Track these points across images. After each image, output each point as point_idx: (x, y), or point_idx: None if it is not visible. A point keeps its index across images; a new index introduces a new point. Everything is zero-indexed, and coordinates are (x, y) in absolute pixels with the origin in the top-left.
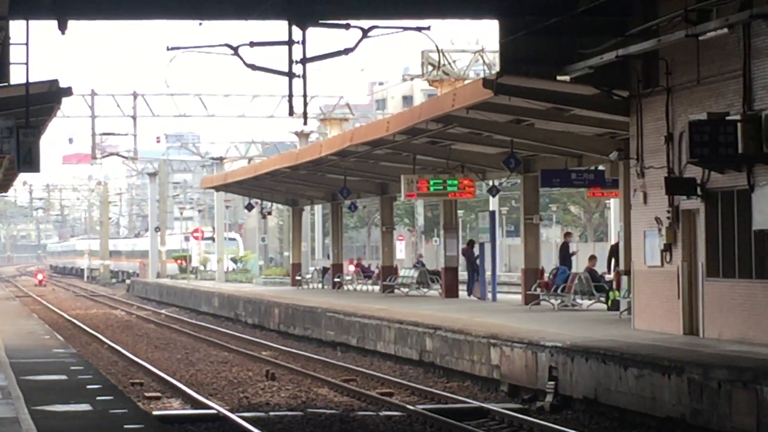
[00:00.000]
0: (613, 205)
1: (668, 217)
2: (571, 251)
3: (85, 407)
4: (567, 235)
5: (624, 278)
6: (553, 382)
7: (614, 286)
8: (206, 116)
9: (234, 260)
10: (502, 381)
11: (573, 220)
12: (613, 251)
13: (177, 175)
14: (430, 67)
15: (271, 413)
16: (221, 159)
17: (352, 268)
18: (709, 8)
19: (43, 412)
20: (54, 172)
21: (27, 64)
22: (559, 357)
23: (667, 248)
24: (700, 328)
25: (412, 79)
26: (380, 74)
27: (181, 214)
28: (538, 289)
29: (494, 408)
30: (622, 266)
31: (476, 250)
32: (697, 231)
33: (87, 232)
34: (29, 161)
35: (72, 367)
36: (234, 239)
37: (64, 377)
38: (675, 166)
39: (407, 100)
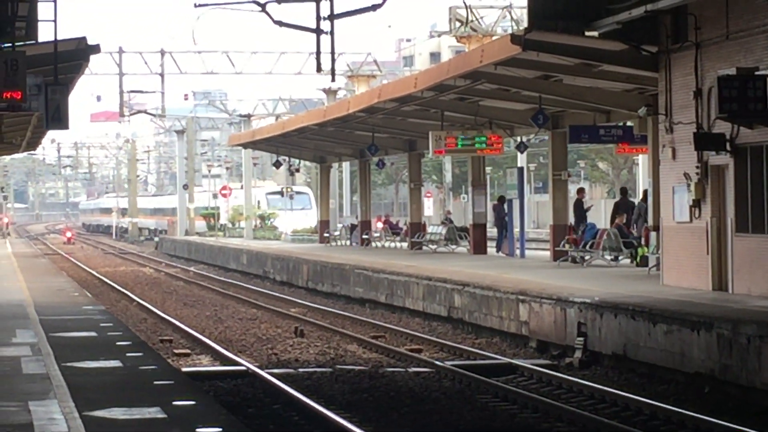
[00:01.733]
0: (642, 161)
1: (697, 173)
2: (585, 207)
3: (115, 363)
4: (580, 191)
5: (653, 234)
6: (582, 338)
7: (643, 242)
8: (234, 74)
9: (262, 217)
10: (531, 337)
11: (601, 177)
12: (617, 207)
13: (204, 133)
14: (457, 23)
15: (300, 369)
16: (249, 116)
17: (380, 225)
18: None
19: (73, 369)
20: (82, 130)
21: (55, 21)
22: (587, 313)
23: (696, 204)
24: (729, 283)
25: (439, 35)
26: (408, 31)
27: (209, 171)
28: (567, 245)
29: (523, 364)
30: (650, 222)
31: (504, 207)
32: (726, 187)
33: (115, 189)
34: (58, 118)
35: (101, 324)
36: (305, 193)
37: (93, 334)
38: (704, 122)
39: (435, 56)
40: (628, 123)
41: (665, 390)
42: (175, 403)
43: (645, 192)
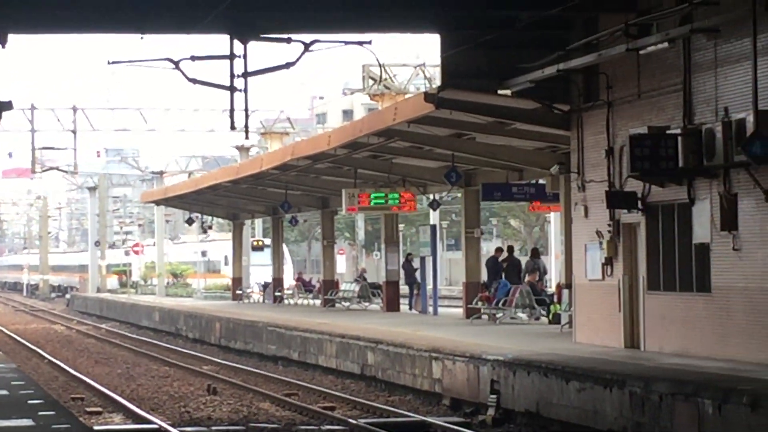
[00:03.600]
0: (554, 219)
1: (609, 231)
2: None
3: (27, 422)
4: (498, 250)
5: (565, 292)
6: (495, 396)
7: (555, 299)
8: (147, 130)
9: (174, 274)
10: (444, 395)
11: (513, 234)
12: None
13: (117, 190)
14: (371, 81)
15: (213, 428)
16: (161, 173)
17: (293, 282)
18: (650, 23)
19: None
20: None
21: None
22: (501, 370)
23: (608, 262)
24: (641, 341)
25: (352, 93)
26: (321, 89)
27: (121, 228)
28: (480, 303)
29: (436, 422)
30: (563, 280)
31: (416, 264)
32: (638, 244)
33: (26, 246)
34: None
35: (12, 382)
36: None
37: (5, 392)
38: (616, 180)
39: (347, 114)
40: (541, 181)
41: None
42: None
43: (534, 250)
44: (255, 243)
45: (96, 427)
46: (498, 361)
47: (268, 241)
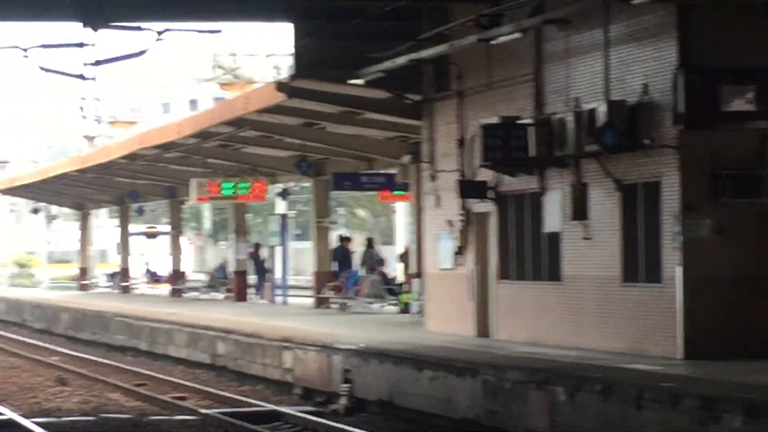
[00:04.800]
0: (400, 208)
1: (461, 220)
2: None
3: None
4: (345, 240)
5: (416, 281)
6: (348, 385)
7: (406, 288)
8: None
9: (21, 265)
10: (296, 384)
11: (360, 224)
12: (405, 255)
13: None
14: (220, 71)
15: (64, 418)
16: (4, 162)
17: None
18: (501, 13)
19: None
20: None
21: None
22: (353, 360)
23: (460, 251)
24: (492, 330)
25: (199, 82)
26: (170, 78)
27: None
28: (330, 292)
29: (288, 411)
30: (413, 269)
31: (262, 253)
32: (489, 234)
33: None
34: None
35: None
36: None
37: None
38: (467, 170)
39: (194, 103)
40: (391, 171)
41: None
42: None
43: (369, 239)
44: (148, 230)
45: None
46: (350, 351)
47: (164, 228)
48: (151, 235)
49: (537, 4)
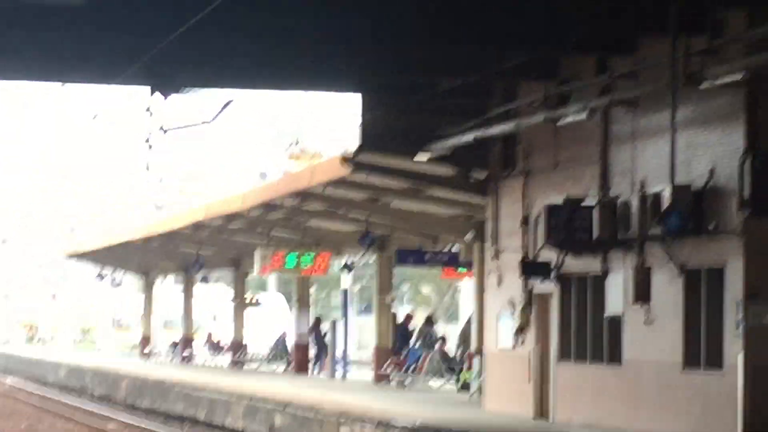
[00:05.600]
0: (465, 286)
1: (522, 300)
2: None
3: None
4: (408, 317)
5: (476, 359)
6: None
7: (466, 367)
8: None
9: (84, 330)
10: None
11: (424, 301)
12: (464, 330)
13: None
14: (287, 141)
15: None
16: (72, 228)
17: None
18: (569, 93)
19: None
20: None
21: None
22: None
23: (520, 331)
24: (551, 411)
25: (266, 153)
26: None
27: None
28: (390, 369)
29: None
30: (474, 347)
31: (324, 327)
32: (550, 314)
33: None
34: None
35: None
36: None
37: None
38: (530, 250)
39: (261, 174)
40: (455, 248)
41: None
42: None
43: (428, 317)
44: (250, 300)
45: None
46: (406, 428)
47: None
48: (253, 304)
49: (605, 85)
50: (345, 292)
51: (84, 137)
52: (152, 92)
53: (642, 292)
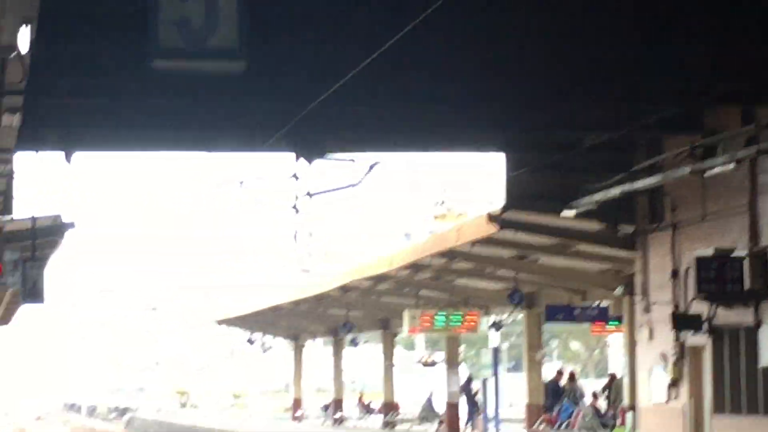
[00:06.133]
0: (614, 341)
1: (674, 354)
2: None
3: None
4: (559, 373)
5: (629, 414)
6: None
7: (619, 422)
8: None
9: (236, 396)
10: None
11: (574, 356)
12: (609, 386)
13: None
14: (432, 202)
15: None
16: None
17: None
18: (714, 144)
19: None
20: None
21: (34, 199)
22: None
23: (674, 384)
24: None
25: (411, 214)
26: (380, 208)
27: None
28: (542, 425)
29: None
30: (626, 402)
31: (473, 386)
32: (703, 367)
33: None
34: (34, 293)
35: None
36: None
37: None
38: (681, 302)
39: (407, 235)
40: (604, 303)
41: None
42: None
43: (571, 373)
44: (425, 361)
45: None
46: None
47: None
48: (429, 364)
49: (751, 135)
50: (495, 350)
51: (230, 204)
52: (297, 158)
53: None
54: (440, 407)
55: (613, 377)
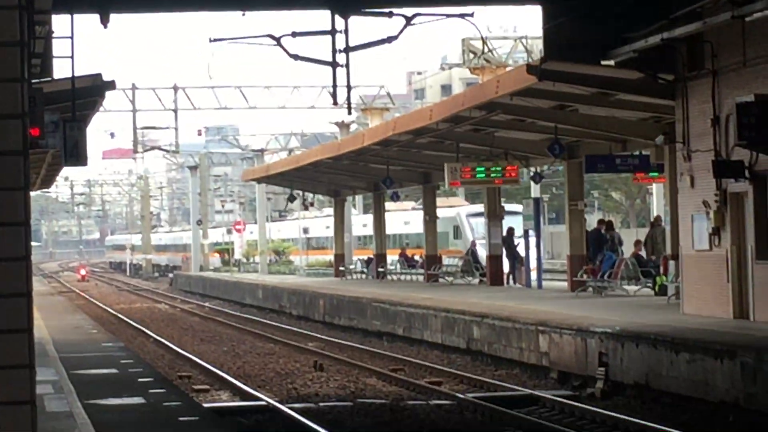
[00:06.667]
0: (655, 190)
1: (716, 201)
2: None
3: (138, 400)
4: (600, 222)
5: (671, 263)
6: (603, 368)
7: (661, 271)
8: (247, 108)
9: (277, 252)
10: (552, 368)
11: (615, 207)
12: (650, 235)
13: (217, 168)
14: (471, 55)
15: (321, 404)
16: (261, 151)
17: (396, 257)
18: None
19: (96, 406)
20: (94, 167)
21: (72, 57)
22: (609, 343)
23: (716, 232)
24: (751, 311)
25: (450, 68)
26: (419, 63)
27: (223, 207)
28: (585, 276)
29: (544, 395)
30: (669, 251)
31: (516, 238)
32: (745, 214)
33: (127, 227)
34: (76, 155)
35: (121, 361)
36: (519, 213)
37: (114, 371)
38: (722, 149)
39: (446, 89)
40: (645, 152)
41: (689, 419)
42: None
43: (608, 222)
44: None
45: (205, 405)
46: (606, 334)
47: (510, 207)
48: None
49: None
50: (537, 201)
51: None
52: (332, 15)
53: None
54: (483, 259)
55: (653, 224)
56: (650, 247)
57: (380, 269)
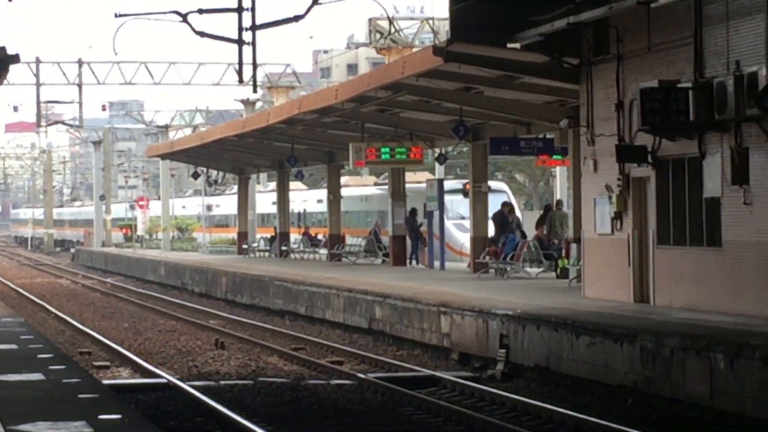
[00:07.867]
0: (559, 173)
1: (619, 185)
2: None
3: (37, 376)
4: (504, 204)
5: (573, 246)
6: (504, 351)
7: (563, 254)
8: (152, 84)
9: (180, 229)
10: (453, 349)
11: (518, 189)
12: (544, 216)
13: (121, 144)
14: (377, 35)
15: (221, 382)
16: (166, 127)
17: (298, 236)
18: None
19: None
20: None
21: None
22: (510, 325)
23: (618, 216)
24: (651, 296)
25: (357, 47)
26: (325, 42)
27: (126, 182)
28: (487, 257)
29: (445, 376)
30: (571, 234)
31: (418, 218)
32: (647, 199)
33: (30, 201)
34: None
35: (21, 336)
36: (502, 191)
37: (14, 346)
38: (626, 134)
39: (352, 68)
40: (549, 135)
41: (588, 402)
42: (100, 417)
43: (509, 205)
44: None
45: (105, 381)
46: (507, 316)
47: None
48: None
49: None
50: (440, 182)
51: (176, 35)
52: None
53: (740, 174)
54: (385, 240)
55: (547, 208)
56: (548, 230)
57: (283, 248)
